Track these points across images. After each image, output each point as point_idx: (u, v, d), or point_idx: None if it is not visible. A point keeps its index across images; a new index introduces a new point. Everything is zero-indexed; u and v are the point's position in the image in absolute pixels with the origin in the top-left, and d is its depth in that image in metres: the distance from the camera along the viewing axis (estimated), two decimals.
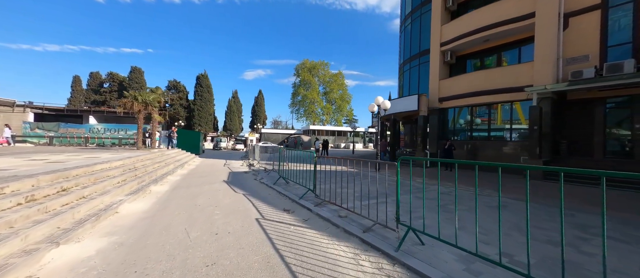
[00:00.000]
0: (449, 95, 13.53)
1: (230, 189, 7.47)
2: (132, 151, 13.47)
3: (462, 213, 4.78)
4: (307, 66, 61.03)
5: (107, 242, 3.52)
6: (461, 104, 13.10)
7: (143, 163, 9.52)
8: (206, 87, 51.20)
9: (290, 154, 8.04)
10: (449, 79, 13.80)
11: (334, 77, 62.42)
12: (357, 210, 4.52)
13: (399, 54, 19.37)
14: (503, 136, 11.86)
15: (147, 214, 4.84)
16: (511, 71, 11.24)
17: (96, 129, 21.41)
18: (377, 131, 13.88)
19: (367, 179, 9.14)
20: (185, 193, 6.72)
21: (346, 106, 64.15)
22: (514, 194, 6.75)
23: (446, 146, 12.01)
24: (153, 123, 16.74)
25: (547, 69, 10.12)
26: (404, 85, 17.43)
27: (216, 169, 12.45)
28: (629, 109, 9.40)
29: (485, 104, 12.20)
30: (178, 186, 7.80)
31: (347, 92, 64.07)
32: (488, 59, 13.38)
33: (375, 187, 6.66)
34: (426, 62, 15.28)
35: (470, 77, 12.72)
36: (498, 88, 11.48)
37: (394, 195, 6.13)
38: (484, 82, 11.96)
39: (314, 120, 60.01)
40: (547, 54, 10.19)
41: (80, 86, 49.30)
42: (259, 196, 6.56)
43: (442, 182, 8.98)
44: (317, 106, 61.44)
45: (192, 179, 9.26)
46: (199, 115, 50.16)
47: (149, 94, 14.76)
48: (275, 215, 4.92)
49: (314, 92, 60.08)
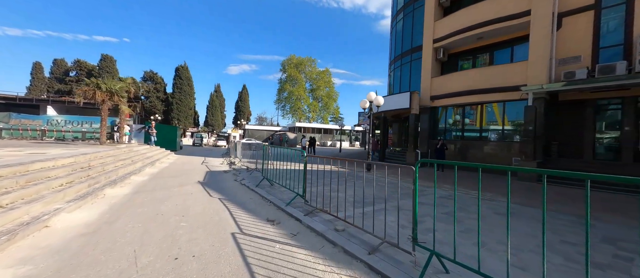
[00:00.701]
0: (441, 93, 13.17)
1: (204, 192, 6.42)
2: (95, 146, 11.85)
3: (471, 223, 4.15)
4: (294, 61, 59.65)
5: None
6: (453, 102, 12.78)
7: (102, 161, 8.17)
8: (186, 79, 48.37)
9: (275, 152, 7.12)
10: (442, 77, 13.44)
11: (321, 75, 61.54)
12: (357, 221, 3.74)
13: (390, 51, 18.89)
14: (494, 136, 11.65)
15: (89, 228, 3.75)
16: (505, 70, 11.00)
17: (55, 122, 19.06)
18: (368, 129, 13.23)
19: (361, 181, 8.38)
20: (147, 198, 5.60)
21: (333, 104, 63.61)
22: (512, 197, 6.29)
23: (438, 146, 11.62)
24: (121, 116, 15.02)
25: (541, 69, 9.93)
26: (394, 83, 16.96)
27: (192, 168, 11.21)
28: (619, 112, 9.41)
29: (478, 103, 11.93)
30: (141, 188, 6.62)
31: (334, 90, 63.51)
32: (480, 58, 13.15)
33: (371, 190, 5.93)
34: (418, 59, 14.86)
35: (463, 75, 12.41)
36: (491, 87, 11.21)
37: (394, 200, 5.50)
38: (477, 81, 11.67)
39: (300, 117, 58.86)
40: (541, 53, 10.00)
41: (42, 74, 44.64)
42: (238, 201, 5.61)
43: (425, 183, 8.50)
44: (304, 103, 60.33)
45: (161, 180, 8.06)
46: (178, 109, 47.33)
47: (115, 83, 13.10)
48: (256, 227, 4.02)
49: (301, 88, 58.90)
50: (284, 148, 7.49)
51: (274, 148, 7.38)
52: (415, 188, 2.77)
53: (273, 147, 7.47)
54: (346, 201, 4.57)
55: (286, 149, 7.26)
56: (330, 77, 62.98)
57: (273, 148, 7.42)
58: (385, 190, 3.57)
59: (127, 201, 5.33)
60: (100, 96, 12.19)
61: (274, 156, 7.11)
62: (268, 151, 7.32)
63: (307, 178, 5.19)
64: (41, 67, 44.87)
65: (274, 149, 7.37)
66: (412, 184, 2.83)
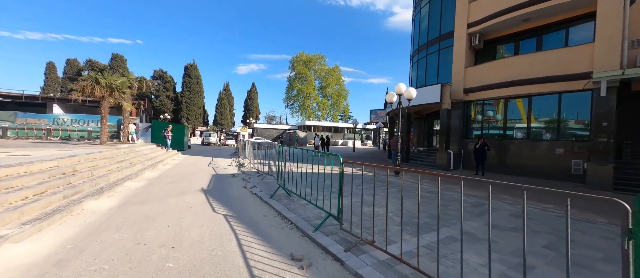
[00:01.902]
0: (477, 86, 11.48)
1: (207, 205, 5.15)
2: (95, 146, 10.89)
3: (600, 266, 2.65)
4: (303, 59, 58.36)
5: None
6: (492, 96, 11.07)
7: (92, 164, 7.06)
8: (195, 78, 47.89)
9: (294, 154, 5.78)
10: (478, 67, 11.73)
11: (330, 72, 60.02)
12: (425, 263, 2.34)
13: (412, 42, 17.21)
14: (546, 135, 9.89)
15: (31, 273, 2.50)
16: (562, 55, 9.23)
17: (61, 120, 18.47)
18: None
19: (395, 189, 6.64)
20: (133, 215, 4.37)
21: (343, 102, 61.99)
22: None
23: (478, 146, 9.99)
24: (124, 114, 14.10)
25: (612, 52, 8.14)
26: (418, 77, 15.31)
27: (197, 170, 10.05)
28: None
29: (525, 95, 10.19)
30: (132, 199, 5.42)
31: (344, 88, 61.89)
32: (525, 44, 11.36)
33: (413, 204, 4.53)
34: (447, 47, 13.18)
35: (506, 63, 10.68)
36: (543, 76, 9.47)
37: (452, 220, 4.03)
38: (525, 69, 9.94)
39: (309, 116, 57.60)
40: (612, 33, 8.21)
41: (55, 74, 45.16)
42: (249, 221, 4.29)
43: (472, 192, 6.89)
44: (313, 101, 59.02)
45: (159, 186, 6.87)
46: (187, 108, 46.94)
47: (116, 78, 12.10)
48: (276, 271, 2.67)
49: (310, 86, 57.58)
50: (295, 147, 6.16)
51: (292, 149, 6.03)
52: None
53: (289, 147, 6.12)
54: (392, 222, 3.19)
55: (310, 150, 5.92)
56: (340, 74, 61.41)
57: (290, 149, 6.07)
58: (437, 207, 2.14)
59: (106, 220, 4.11)
60: (99, 92, 11.20)
61: (293, 158, 5.75)
62: (284, 153, 5.96)
63: (327, 184, 3.84)
64: (54, 67, 45.38)
65: (291, 150, 6.03)
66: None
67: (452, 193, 6.42)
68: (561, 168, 9.10)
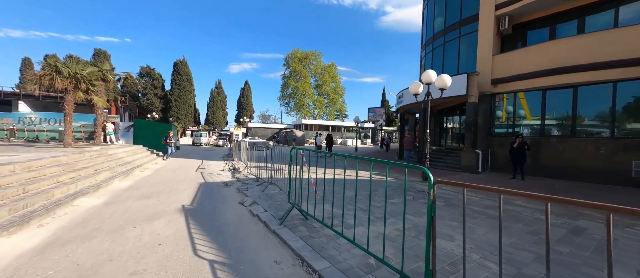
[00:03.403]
0: (507, 75, 10.02)
1: (185, 239, 3.41)
2: (58, 149, 8.91)
3: None
4: (298, 56, 56.52)
5: None
6: (526, 86, 9.62)
7: (31, 176, 5.19)
8: (185, 75, 45.39)
9: (311, 159, 4.10)
10: (508, 54, 10.26)
11: (326, 69, 58.37)
12: None
13: (423, 30, 15.69)
14: (598, 131, 8.47)
15: None
16: (618, 36, 7.80)
17: (28, 120, 16.21)
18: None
19: (447, 206, 4.80)
20: (57, 270, 2.60)
21: (339, 100, 60.50)
22: None
23: (516, 145, 8.50)
24: (97, 111, 12.10)
25: None
26: (434, 68, 13.74)
27: (182, 177, 8.22)
28: None
29: (569, 85, 8.75)
30: (71, 231, 3.63)
31: (340, 85, 60.35)
32: (561, 27, 9.94)
33: (490, 233, 2.91)
34: (470, 33, 11.69)
35: (546, 48, 9.22)
36: (595, 62, 8.03)
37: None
38: (570, 55, 8.50)
39: (305, 114, 55.85)
40: None
41: (32, 70, 41.94)
42: (252, 275, 2.58)
43: (528, 202, 5.30)
44: (309, 99, 57.27)
45: (125, 203, 5.06)
46: (177, 107, 44.46)
47: (83, 67, 10.11)
48: None
49: (306, 84, 55.81)
50: (294, 148, 4.49)
51: (310, 152, 4.34)
52: None
53: (305, 149, 4.41)
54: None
55: (312, 149, 4.25)
56: (336, 71, 59.79)
57: (310, 152, 4.37)
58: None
59: None
60: (61, 83, 9.20)
61: (312, 162, 4.04)
62: (300, 158, 4.23)
63: (362, 199, 2.19)
64: (31, 64, 42.23)
65: (310, 154, 4.33)
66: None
67: (513, 208, 4.85)
68: (618, 170, 7.69)
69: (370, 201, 2.59)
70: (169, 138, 13.67)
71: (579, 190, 7.13)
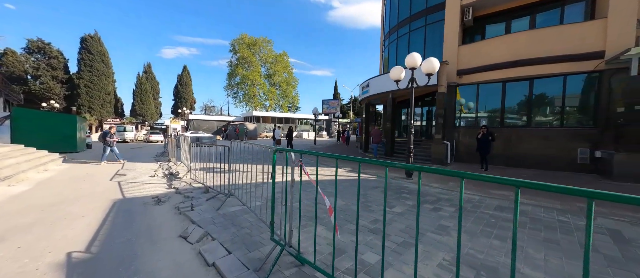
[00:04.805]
0: (472, 66, 10.10)
1: None
2: None
3: None
4: (247, 42, 51.86)
5: None
6: (490, 78, 9.82)
7: None
8: (99, 55, 36.17)
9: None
10: (473, 45, 10.34)
11: (278, 58, 55.26)
12: None
13: (385, 19, 15.21)
14: (549, 122, 9.09)
15: None
16: (573, 31, 8.33)
17: None
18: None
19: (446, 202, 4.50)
20: None
21: (292, 91, 58.39)
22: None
23: (480, 136, 8.52)
24: None
25: (628, 29, 7.48)
26: (398, 58, 13.37)
27: (85, 192, 5.48)
28: None
29: (527, 77, 9.17)
30: None
31: (293, 76, 58.18)
32: (515, 23, 10.46)
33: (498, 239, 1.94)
34: (435, 22, 11.51)
35: (507, 40, 9.47)
36: (551, 56, 8.49)
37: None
38: (532, 47, 8.84)
39: (256, 105, 52.08)
40: (626, 8, 7.53)
41: None
42: None
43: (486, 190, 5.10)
44: (260, 89, 53.50)
45: None
46: (89, 94, 35.31)
47: None
48: None
49: (256, 73, 51.79)
50: (244, 142, 2.97)
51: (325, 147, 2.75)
52: None
53: (225, 140, 2.80)
54: None
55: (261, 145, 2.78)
56: (289, 61, 57.27)
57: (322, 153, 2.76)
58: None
59: None
60: None
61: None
62: (295, 162, 2.59)
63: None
64: None
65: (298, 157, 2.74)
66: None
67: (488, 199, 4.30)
68: (567, 158, 8.37)
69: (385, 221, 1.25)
70: (110, 135, 9.72)
71: (538, 178, 7.40)
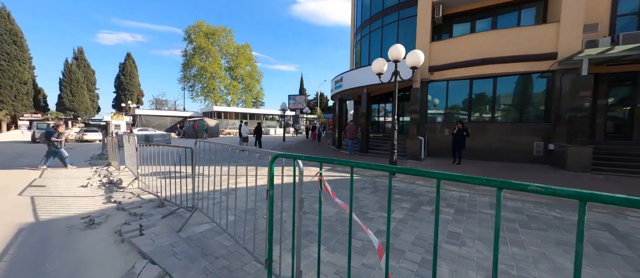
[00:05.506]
0: (443, 63, 10.36)
1: None
2: None
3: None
4: (204, 30, 47.51)
5: None
6: (458, 75, 10.18)
7: None
8: (8, 34, 29.10)
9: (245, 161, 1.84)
10: (445, 42, 10.60)
11: (240, 50, 51.98)
12: None
13: (356, 13, 14.91)
14: (510, 117, 9.75)
15: None
16: (534, 33, 8.95)
17: None
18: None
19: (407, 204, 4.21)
20: None
21: (256, 85, 55.66)
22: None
23: (455, 131, 8.78)
24: None
25: (576, 33, 8.28)
26: (371, 52, 13.19)
27: None
28: (630, 88, 8.91)
29: (492, 75, 9.69)
30: None
31: (257, 70, 55.46)
32: (479, 24, 11.02)
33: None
34: (408, 18, 11.55)
35: (476, 39, 9.86)
36: (514, 55, 9.05)
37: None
38: (496, 47, 9.33)
39: (217, 100, 48.35)
40: (576, 15, 8.33)
41: None
42: None
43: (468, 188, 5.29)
44: (220, 82, 49.72)
45: None
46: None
47: None
48: None
49: (215, 64, 47.90)
50: (204, 139, 2.27)
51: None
52: None
53: (184, 137, 2.05)
54: None
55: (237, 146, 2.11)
56: (252, 54, 54.31)
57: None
58: None
59: None
60: None
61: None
62: (321, 186, 1.83)
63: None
64: None
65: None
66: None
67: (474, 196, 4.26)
68: (525, 150, 9.08)
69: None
70: (57, 134, 7.58)
71: (505, 170, 7.85)
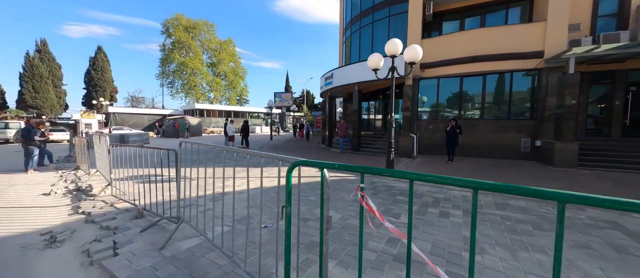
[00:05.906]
0: (434, 61, 10.31)
1: None
2: None
3: None
4: (184, 23, 45.18)
5: None
6: (449, 72, 10.19)
7: None
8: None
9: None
10: (435, 39, 10.54)
11: (223, 45, 50.05)
12: None
13: (346, 7, 14.60)
14: (498, 114, 9.89)
15: None
16: (522, 32, 9.07)
17: None
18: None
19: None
20: None
21: (240, 82, 53.98)
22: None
23: (449, 128, 8.75)
24: None
25: (562, 32, 8.48)
26: (362, 49, 12.92)
27: None
28: (609, 86, 9.32)
29: (481, 73, 9.77)
30: None
31: (241, 66, 53.75)
32: (468, 21, 11.10)
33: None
34: (398, 14, 11.38)
35: (467, 36, 9.87)
36: (504, 53, 9.14)
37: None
38: (486, 45, 9.38)
39: (199, 97, 46.39)
40: (562, 15, 8.52)
41: None
42: None
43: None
44: (202, 79, 47.71)
45: None
46: None
47: None
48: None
49: (196, 60, 45.80)
50: (186, 138, 1.91)
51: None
52: None
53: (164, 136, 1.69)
54: None
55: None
56: (235, 49, 52.52)
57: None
58: None
59: None
60: None
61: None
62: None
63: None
64: None
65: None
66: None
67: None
68: (513, 146, 9.26)
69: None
70: (38, 133, 7.10)
71: (496, 168, 7.93)
